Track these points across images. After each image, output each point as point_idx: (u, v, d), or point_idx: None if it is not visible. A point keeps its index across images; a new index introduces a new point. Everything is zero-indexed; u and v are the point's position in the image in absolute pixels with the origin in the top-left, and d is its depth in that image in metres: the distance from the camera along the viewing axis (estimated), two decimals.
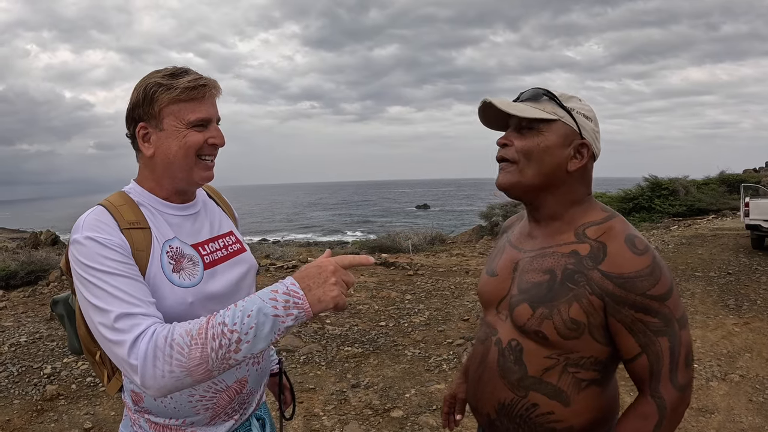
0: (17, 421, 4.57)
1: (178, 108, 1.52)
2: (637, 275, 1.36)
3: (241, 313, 1.29)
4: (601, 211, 1.55)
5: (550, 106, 1.49)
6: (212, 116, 1.58)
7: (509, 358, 1.51)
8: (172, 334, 1.30)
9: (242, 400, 1.67)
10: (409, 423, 4.51)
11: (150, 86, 1.52)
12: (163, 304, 1.46)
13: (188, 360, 1.27)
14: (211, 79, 1.58)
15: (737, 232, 14.73)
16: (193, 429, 1.60)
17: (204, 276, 1.57)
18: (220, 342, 1.27)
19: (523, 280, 1.52)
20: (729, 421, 4.41)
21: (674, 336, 1.37)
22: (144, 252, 1.48)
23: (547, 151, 1.46)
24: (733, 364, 5.60)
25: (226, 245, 1.72)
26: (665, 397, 1.37)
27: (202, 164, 1.59)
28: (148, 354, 1.28)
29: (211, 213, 1.77)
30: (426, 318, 7.53)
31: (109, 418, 4.65)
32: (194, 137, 1.54)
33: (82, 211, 1.53)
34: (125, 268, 1.41)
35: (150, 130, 1.55)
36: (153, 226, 1.55)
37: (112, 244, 1.42)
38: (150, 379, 1.28)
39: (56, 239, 18.31)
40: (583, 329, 1.41)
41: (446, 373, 5.57)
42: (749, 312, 7.41)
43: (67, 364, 5.74)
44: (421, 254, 15.11)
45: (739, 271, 9.91)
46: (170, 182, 1.61)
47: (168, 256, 1.53)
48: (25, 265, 10.18)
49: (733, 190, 24.54)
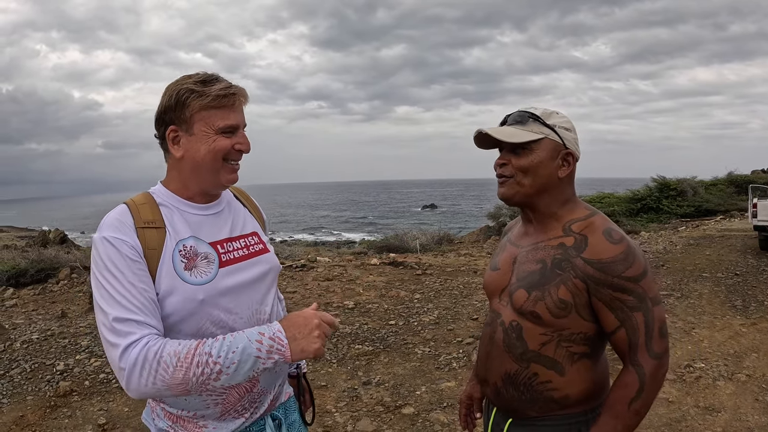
0: (31, 417, 4.64)
1: (209, 114, 1.60)
2: (613, 260, 1.59)
3: (227, 348, 1.45)
4: (585, 209, 1.77)
5: (536, 126, 1.72)
6: (240, 123, 1.66)
7: (512, 336, 1.75)
8: (161, 351, 1.42)
9: (253, 399, 1.73)
10: (420, 420, 4.56)
11: (182, 92, 1.60)
12: (174, 300, 1.55)
13: (171, 378, 1.41)
14: (240, 87, 1.66)
15: (745, 233, 14.68)
16: (204, 422, 1.68)
17: (218, 273, 1.64)
18: (203, 370, 1.42)
19: (520, 270, 1.77)
20: (735, 420, 4.44)
21: (648, 311, 1.60)
22: (155, 251, 1.56)
23: (540, 165, 1.70)
24: (740, 364, 5.62)
25: (248, 245, 1.78)
26: (643, 365, 1.59)
27: (228, 167, 1.67)
28: (137, 363, 1.40)
29: (235, 213, 1.83)
30: (435, 317, 7.56)
31: (122, 414, 4.70)
32: (222, 142, 1.62)
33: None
34: (132, 273, 1.50)
35: (180, 133, 1.63)
36: (169, 225, 1.62)
37: (125, 246, 1.52)
38: (134, 385, 1.42)
39: (65, 238, 18.37)
40: (571, 308, 1.64)
41: (456, 371, 5.61)
42: (756, 313, 7.42)
43: (79, 360, 5.81)
44: (429, 254, 15.13)
45: (747, 272, 9.90)
46: (196, 184, 1.68)
47: (180, 254, 1.60)
48: (35, 263, 10.25)
49: (741, 191, 24.46)
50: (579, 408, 1.72)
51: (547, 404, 1.72)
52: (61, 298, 8.79)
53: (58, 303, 8.43)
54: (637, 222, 21.17)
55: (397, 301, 8.54)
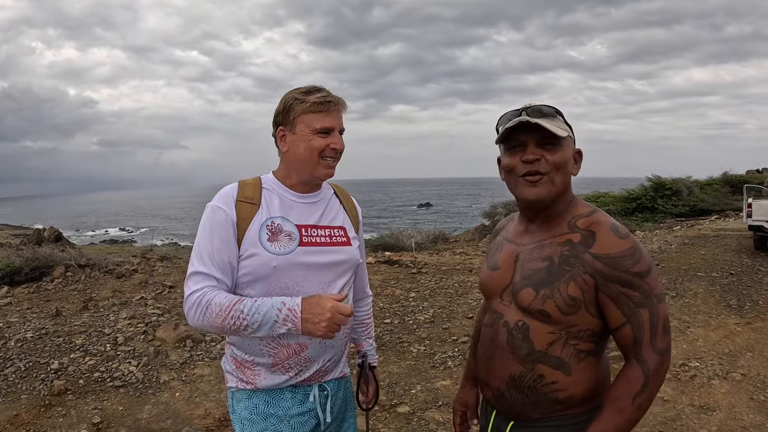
0: (25, 415, 4.62)
1: (308, 118, 1.95)
2: (622, 255, 1.60)
3: (255, 310, 1.80)
4: (586, 206, 1.78)
5: (561, 123, 1.71)
6: (335, 126, 1.99)
7: (518, 337, 1.72)
8: (211, 300, 1.83)
9: (300, 361, 2.00)
10: (415, 418, 4.56)
11: (289, 100, 1.98)
12: (253, 261, 1.92)
13: (212, 321, 1.83)
14: (338, 96, 2.00)
15: (740, 233, 14.72)
16: (258, 369, 2.00)
17: (296, 250, 1.96)
18: (234, 322, 1.80)
19: (525, 268, 1.74)
20: (730, 419, 4.45)
21: (653, 308, 1.60)
22: (245, 221, 1.94)
23: (568, 162, 1.70)
24: (734, 363, 5.64)
25: (332, 235, 2.08)
26: (648, 361, 1.59)
27: (324, 163, 2.00)
28: (193, 305, 1.85)
29: (329, 207, 2.15)
30: (430, 315, 7.57)
31: (117, 412, 4.70)
32: (318, 141, 1.96)
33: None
34: (219, 237, 1.91)
35: (286, 132, 2.00)
36: (265, 204, 2.00)
37: (222, 214, 1.93)
38: (189, 319, 1.87)
39: (59, 236, 18.29)
40: (580, 304, 1.63)
41: (452, 369, 5.61)
42: (751, 312, 7.44)
43: (74, 359, 5.79)
44: (424, 252, 15.14)
45: (742, 272, 9.92)
46: (297, 174, 2.04)
47: (267, 228, 1.95)
48: (30, 262, 10.18)
49: (736, 190, 24.50)
50: (583, 407, 1.70)
51: (552, 405, 1.70)
52: (55, 296, 8.76)
53: (53, 301, 8.40)
54: (632, 221, 21.18)
55: (393, 299, 8.55)
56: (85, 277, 9.69)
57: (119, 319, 7.15)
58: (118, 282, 9.47)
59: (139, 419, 4.61)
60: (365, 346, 2.49)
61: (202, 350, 6.12)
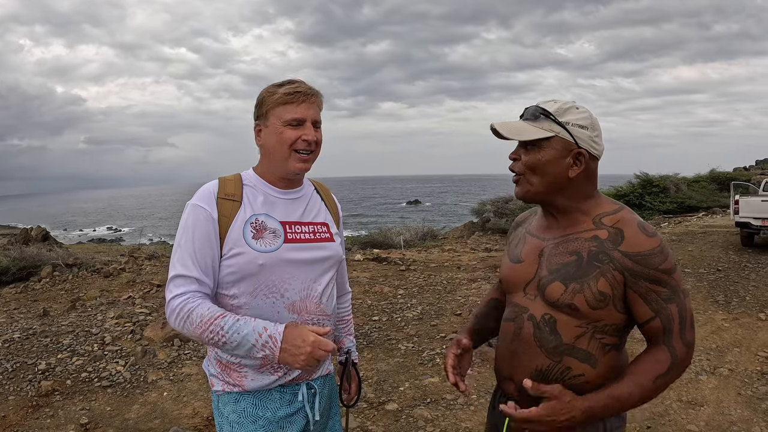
0: (13, 417, 4.59)
1: (279, 110, 1.94)
2: (651, 253, 1.62)
3: (235, 329, 1.78)
4: (612, 203, 1.78)
5: (547, 124, 1.70)
6: (306, 117, 1.96)
7: (545, 330, 1.74)
8: (192, 310, 1.81)
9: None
10: (404, 416, 4.56)
11: (262, 93, 1.99)
12: (239, 260, 1.90)
13: (192, 330, 1.82)
14: (312, 88, 1.98)
15: (727, 230, 14.82)
16: (245, 371, 1.97)
17: (282, 247, 1.95)
18: (212, 336, 1.79)
19: (552, 263, 1.75)
20: (718, 414, 4.49)
21: (681, 303, 1.65)
22: (227, 218, 1.92)
23: (547, 163, 1.70)
24: (722, 359, 5.68)
25: (315, 231, 2.08)
26: (677, 349, 1.64)
27: (296, 156, 1.97)
28: (174, 311, 1.84)
29: (311, 203, 2.14)
30: (419, 313, 7.57)
31: (105, 413, 4.67)
32: (288, 133, 1.94)
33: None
34: (201, 237, 1.89)
35: (261, 127, 2.00)
36: (247, 201, 1.98)
37: (204, 213, 1.91)
38: (170, 323, 1.87)
39: (47, 235, 18.17)
40: (609, 300, 1.66)
41: (440, 366, 5.61)
42: (738, 308, 7.50)
43: (61, 359, 5.75)
44: (412, 250, 15.15)
45: (729, 268, 10.00)
46: (272, 169, 2.03)
47: (252, 226, 1.94)
48: (17, 261, 10.11)
49: (724, 187, 24.68)
50: None
51: None
52: (43, 296, 8.71)
53: (40, 301, 8.35)
54: None
55: (381, 296, 8.54)
56: (72, 277, 9.64)
57: (107, 319, 7.10)
58: (105, 281, 9.43)
59: (127, 419, 4.59)
60: (346, 342, 2.46)
61: (189, 349, 6.09)
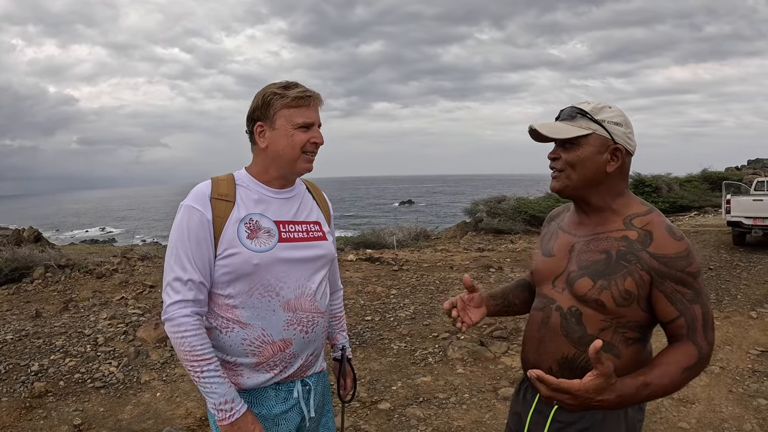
0: (6, 418, 4.57)
1: (289, 113, 1.96)
2: (678, 256, 1.69)
3: (211, 381, 1.85)
4: (642, 204, 1.84)
5: (584, 122, 1.78)
6: (315, 121, 2.01)
7: (571, 321, 1.81)
8: (189, 334, 1.85)
9: (284, 358, 2.02)
10: (396, 415, 4.57)
11: (268, 95, 1.97)
12: (234, 260, 1.92)
13: (177, 350, 1.88)
14: (316, 92, 2.02)
15: (719, 229, 14.90)
16: (241, 369, 2.00)
17: (276, 246, 1.97)
18: (191, 369, 1.86)
19: (582, 259, 1.82)
20: (710, 411, 4.52)
21: (704, 305, 1.71)
22: (222, 218, 1.93)
23: (587, 159, 1.78)
24: (713, 356, 5.67)
25: (309, 230, 2.11)
26: (702, 345, 1.69)
27: (304, 158, 2.02)
28: (173, 324, 1.87)
29: (304, 202, 2.16)
30: (411, 312, 7.59)
31: (98, 414, 4.67)
32: (300, 136, 1.98)
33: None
34: (195, 236, 1.90)
35: (266, 128, 2.00)
36: (241, 201, 1.99)
37: (197, 214, 1.92)
38: (165, 327, 1.89)
39: (39, 236, 18.10)
40: (634, 299, 1.72)
41: (432, 366, 5.63)
42: (730, 306, 7.55)
43: (54, 361, 5.74)
44: (405, 250, 15.17)
45: (720, 267, 10.05)
46: (276, 170, 2.04)
47: (246, 226, 1.96)
48: (9, 263, 10.07)
49: (715, 187, 24.78)
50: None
51: None
52: (35, 297, 8.68)
53: (33, 302, 8.31)
54: None
55: (374, 296, 8.55)
56: (65, 278, 9.61)
57: (99, 320, 7.09)
58: (98, 282, 9.40)
59: (121, 420, 4.58)
60: (340, 339, 2.52)
61: None
